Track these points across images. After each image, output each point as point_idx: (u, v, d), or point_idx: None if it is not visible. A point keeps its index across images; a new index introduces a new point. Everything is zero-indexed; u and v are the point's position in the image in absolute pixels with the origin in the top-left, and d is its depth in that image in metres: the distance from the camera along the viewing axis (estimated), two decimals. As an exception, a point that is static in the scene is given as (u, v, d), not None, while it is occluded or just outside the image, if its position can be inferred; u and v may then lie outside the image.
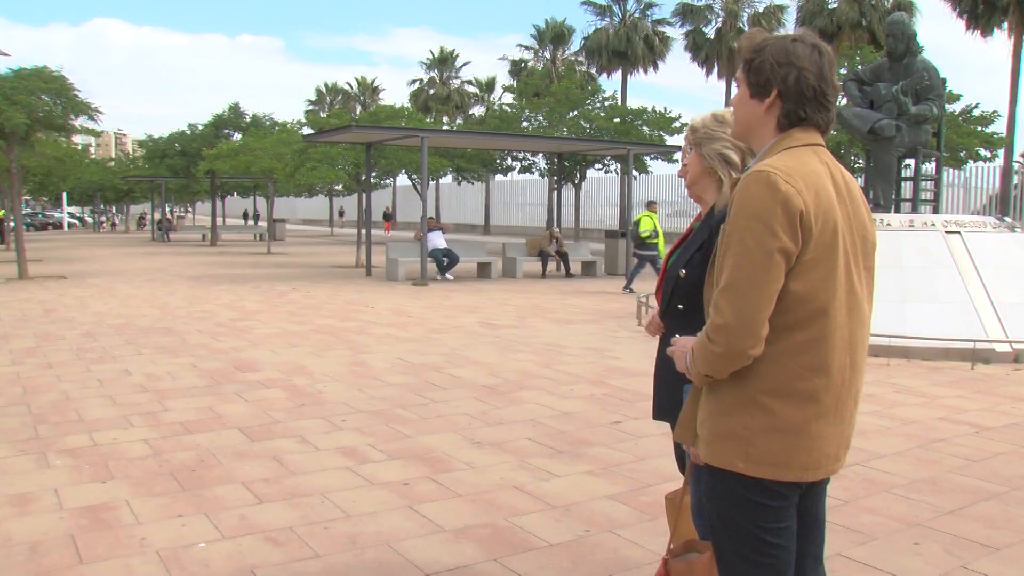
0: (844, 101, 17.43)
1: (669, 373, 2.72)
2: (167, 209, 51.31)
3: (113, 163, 50.95)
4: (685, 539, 2.81)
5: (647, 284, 16.74)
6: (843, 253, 2.15)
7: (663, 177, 42.09)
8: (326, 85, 79.79)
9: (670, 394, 2.94)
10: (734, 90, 2.39)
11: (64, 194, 55.28)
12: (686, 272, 2.89)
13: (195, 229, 52.05)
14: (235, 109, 36.81)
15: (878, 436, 6.34)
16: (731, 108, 2.44)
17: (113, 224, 69.88)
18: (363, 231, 24.03)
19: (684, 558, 2.68)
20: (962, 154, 25.10)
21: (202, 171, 32.96)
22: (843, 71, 24.41)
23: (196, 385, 7.96)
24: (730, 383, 2.20)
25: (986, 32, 37.52)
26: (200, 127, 37.42)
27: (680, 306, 2.92)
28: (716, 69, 48.43)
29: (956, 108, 24.84)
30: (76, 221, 67.98)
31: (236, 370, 8.68)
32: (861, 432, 6.34)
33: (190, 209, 79.79)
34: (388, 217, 58.61)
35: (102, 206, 66.12)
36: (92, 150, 40.45)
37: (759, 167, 2.14)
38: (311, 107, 76.35)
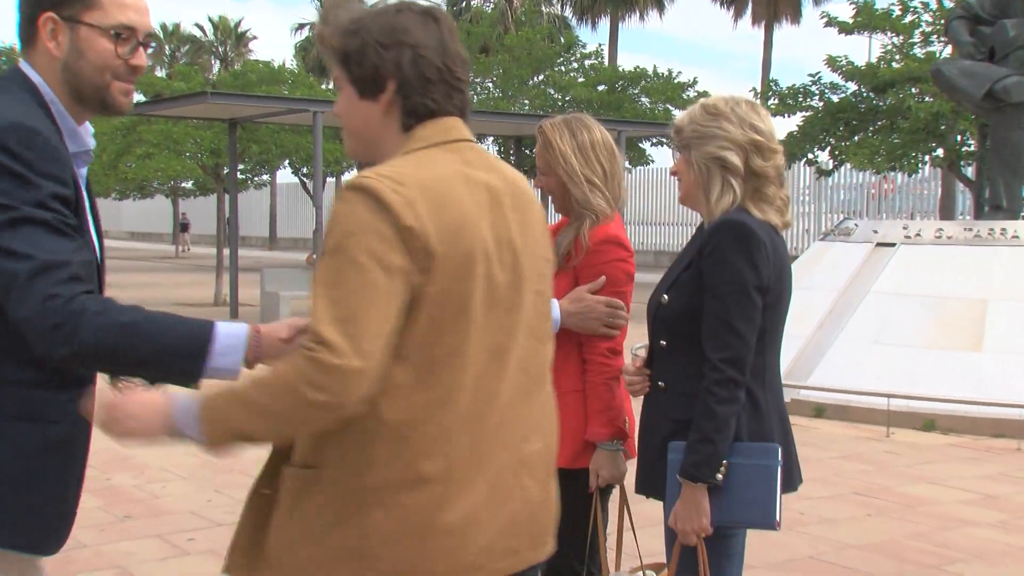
0: (949, 50, 16.95)
1: (652, 434, 3.26)
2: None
3: None
4: None
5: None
6: (484, 281, 2.33)
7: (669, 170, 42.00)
8: (165, 28, 79.89)
9: (654, 461, 3.29)
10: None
11: None
12: (668, 298, 3.34)
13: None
14: (11, 59, 36.09)
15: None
16: (723, 97, 3.15)
17: None
18: (226, 251, 23.38)
19: None
20: None
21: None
22: (948, 4, 23.44)
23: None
24: (327, 478, 2.30)
25: None
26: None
27: (663, 342, 3.34)
28: (750, 9, 48.79)
29: None
30: None
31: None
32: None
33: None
34: None
35: None
36: None
37: (360, 174, 2.35)
38: (142, 62, 76.81)
